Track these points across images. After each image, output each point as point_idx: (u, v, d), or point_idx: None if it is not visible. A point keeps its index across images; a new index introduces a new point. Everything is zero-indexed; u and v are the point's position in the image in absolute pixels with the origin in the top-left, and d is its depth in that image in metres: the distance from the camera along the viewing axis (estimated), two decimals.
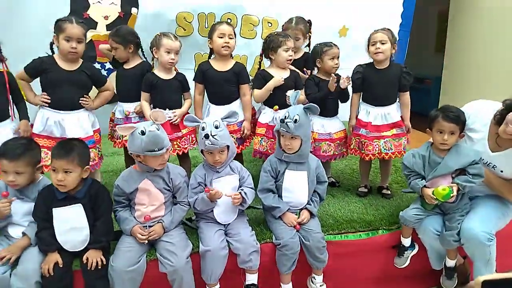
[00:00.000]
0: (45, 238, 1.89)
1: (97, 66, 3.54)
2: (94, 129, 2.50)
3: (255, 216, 2.44)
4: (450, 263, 2.29)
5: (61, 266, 1.86)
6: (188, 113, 2.66)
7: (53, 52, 2.48)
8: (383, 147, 2.59)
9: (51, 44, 2.46)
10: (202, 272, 2.07)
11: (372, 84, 2.61)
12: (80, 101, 2.41)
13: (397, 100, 2.64)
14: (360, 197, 2.75)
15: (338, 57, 2.67)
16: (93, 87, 2.53)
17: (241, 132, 2.69)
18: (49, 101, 2.35)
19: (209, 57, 2.78)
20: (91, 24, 3.44)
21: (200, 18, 3.62)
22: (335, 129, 2.74)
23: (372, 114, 2.62)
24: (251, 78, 2.78)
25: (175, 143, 2.59)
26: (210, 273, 2.04)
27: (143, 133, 1.92)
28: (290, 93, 2.49)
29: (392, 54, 2.61)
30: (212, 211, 2.17)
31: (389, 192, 2.78)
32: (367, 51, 2.62)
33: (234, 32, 2.67)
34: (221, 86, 2.65)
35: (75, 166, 1.87)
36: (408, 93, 2.62)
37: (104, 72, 3.58)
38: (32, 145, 2.01)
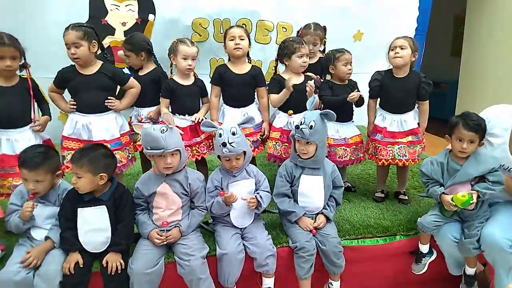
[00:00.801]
0: (69, 238, 1.94)
1: None
2: (123, 132, 2.52)
3: (271, 220, 2.44)
4: (470, 271, 2.25)
5: (81, 266, 1.89)
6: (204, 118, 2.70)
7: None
8: (397, 153, 2.57)
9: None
10: (219, 275, 2.08)
11: (390, 92, 2.59)
12: (105, 103, 2.44)
13: (415, 107, 2.62)
14: (377, 202, 2.73)
15: (351, 63, 2.67)
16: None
17: (261, 133, 2.71)
18: (75, 106, 2.40)
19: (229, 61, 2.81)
20: (109, 30, 3.51)
21: (215, 24, 3.67)
22: (350, 134, 2.74)
23: (387, 120, 2.60)
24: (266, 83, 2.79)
25: (194, 148, 2.62)
26: (227, 276, 2.05)
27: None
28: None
29: (412, 63, 2.58)
30: (229, 214, 2.18)
31: (406, 197, 2.76)
32: (387, 57, 2.60)
33: (248, 35, 2.69)
34: (239, 89, 2.68)
35: (84, 171, 1.90)
36: (427, 102, 2.59)
37: None
38: (50, 154, 2.04)
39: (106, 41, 3.48)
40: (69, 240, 1.94)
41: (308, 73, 2.77)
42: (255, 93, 2.78)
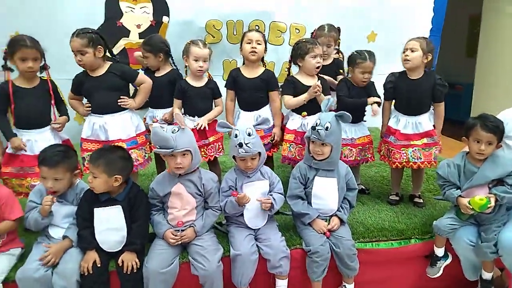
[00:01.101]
0: (86, 236, 1.97)
1: None
2: (139, 131, 2.55)
3: (284, 222, 2.44)
4: (487, 275, 2.22)
5: (99, 265, 1.93)
6: (217, 120, 2.71)
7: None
8: (411, 156, 2.54)
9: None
10: (233, 276, 2.09)
11: (404, 94, 2.57)
12: (119, 103, 2.46)
13: (431, 109, 2.59)
14: (391, 205, 2.70)
15: (370, 72, 2.64)
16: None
17: (271, 138, 2.70)
18: (90, 109, 2.44)
19: (243, 64, 2.82)
20: (124, 32, 3.55)
21: (228, 25, 3.68)
22: (358, 134, 2.72)
23: (401, 122, 2.58)
24: (279, 84, 2.79)
25: (202, 150, 2.63)
26: (241, 277, 2.06)
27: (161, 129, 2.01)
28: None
29: (428, 63, 2.55)
30: (242, 215, 2.19)
31: (421, 200, 2.73)
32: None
33: (265, 40, 2.70)
34: (250, 93, 2.69)
35: (100, 172, 1.93)
36: (443, 104, 2.56)
37: None
38: (69, 153, 2.08)
39: (121, 43, 3.53)
40: (86, 239, 1.97)
41: (322, 75, 2.77)
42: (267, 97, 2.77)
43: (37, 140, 2.29)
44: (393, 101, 2.68)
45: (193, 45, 2.59)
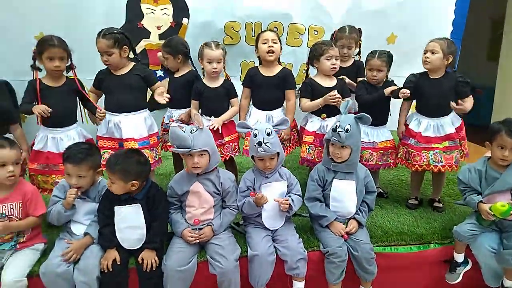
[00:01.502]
0: (107, 234, 2.01)
1: None
2: (152, 132, 2.59)
3: (302, 224, 2.44)
4: (509, 283, 2.17)
5: (118, 263, 1.96)
6: (233, 121, 2.73)
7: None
8: (431, 159, 2.50)
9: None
10: (250, 276, 2.10)
11: (425, 94, 2.54)
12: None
13: (453, 112, 2.55)
14: (410, 209, 2.67)
15: (379, 70, 2.62)
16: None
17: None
18: (103, 115, 2.45)
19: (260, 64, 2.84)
20: (145, 33, 3.59)
21: (247, 27, 3.69)
22: (380, 138, 2.70)
23: (423, 124, 2.54)
24: (297, 86, 2.79)
25: (218, 149, 2.65)
26: (258, 278, 2.07)
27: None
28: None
29: (451, 63, 2.53)
30: (260, 216, 2.20)
31: (441, 205, 2.69)
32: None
33: (279, 39, 2.71)
34: (267, 91, 2.69)
35: (116, 178, 1.95)
36: (470, 98, 2.50)
37: None
38: (93, 150, 2.13)
39: (142, 44, 3.57)
40: (107, 237, 2.01)
41: (342, 76, 2.76)
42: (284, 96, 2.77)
43: (63, 139, 2.35)
44: (414, 103, 2.65)
45: (206, 47, 2.63)
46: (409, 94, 2.53)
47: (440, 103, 2.51)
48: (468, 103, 2.47)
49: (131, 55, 2.62)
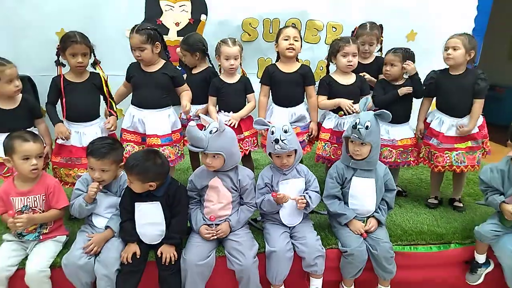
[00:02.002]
0: (128, 229, 2.04)
1: None
2: (175, 129, 2.61)
3: (319, 222, 2.43)
4: None
5: (138, 257, 1.98)
6: (251, 116, 2.73)
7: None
8: (454, 159, 2.46)
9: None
10: (267, 272, 2.10)
11: (446, 91, 2.50)
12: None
13: None
14: (430, 209, 2.64)
15: (392, 64, 2.59)
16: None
17: (309, 133, 2.69)
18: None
19: (277, 61, 2.83)
20: (164, 30, 3.62)
21: (265, 24, 3.69)
22: (401, 136, 2.66)
23: (445, 124, 2.50)
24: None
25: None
26: (275, 274, 2.07)
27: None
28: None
29: (472, 59, 2.48)
30: (278, 212, 2.19)
31: (461, 205, 2.65)
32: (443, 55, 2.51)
33: (300, 36, 2.69)
34: (287, 88, 2.68)
35: (134, 179, 1.95)
36: (481, 101, 2.45)
37: None
38: (116, 145, 2.16)
39: None
40: (128, 231, 2.03)
41: (362, 73, 2.73)
42: (304, 93, 2.76)
43: (86, 133, 2.39)
44: (434, 100, 2.61)
45: (223, 44, 2.63)
46: (411, 91, 2.51)
47: (461, 100, 2.47)
48: (477, 107, 2.45)
49: None
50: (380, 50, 2.97)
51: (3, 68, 2.20)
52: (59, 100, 2.42)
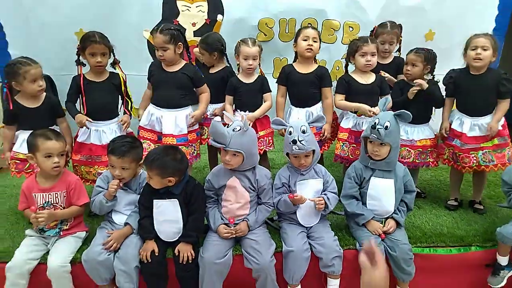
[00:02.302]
0: (146, 226, 2.06)
1: None
2: (192, 129, 2.62)
3: (337, 222, 2.42)
4: None
5: (156, 254, 2.00)
6: (267, 116, 2.74)
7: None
8: (481, 159, 2.40)
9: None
10: (284, 272, 2.09)
11: (467, 91, 2.45)
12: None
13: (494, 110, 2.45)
14: (450, 211, 2.59)
15: (413, 64, 2.57)
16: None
17: (321, 135, 2.68)
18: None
19: (294, 61, 2.82)
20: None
21: (281, 24, 3.67)
22: (420, 136, 2.62)
23: (466, 125, 2.45)
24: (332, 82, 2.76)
25: None
26: (292, 273, 2.06)
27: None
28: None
29: (491, 62, 2.43)
30: (295, 212, 2.18)
31: (482, 207, 2.60)
32: (463, 55, 2.46)
33: (320, 37, 2.68)
34: (303, 88, 2.68)
35: (153, 174, 1.97)
36: (508, 100, 2.41)
37: None
38: (136, 144, 2.18)
39: None
40: (146, 228, 2.05)
41: (383, 73, 2.70)
42: (320, 93, 2.74)
43: (105, 132, 2.43)
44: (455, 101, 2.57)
45: (243, 44, 2.64)
46: (415, 92, 2.48)
47: (483, 101, 2.43)
48: (504, 106, 2.40)
49: None
50: (399, 50, 2.94)
51: (29, 68, 2.25)
52: (79, 99, 2.46)
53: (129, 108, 2.55)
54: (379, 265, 1.15)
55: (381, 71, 2.73)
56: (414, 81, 2.53)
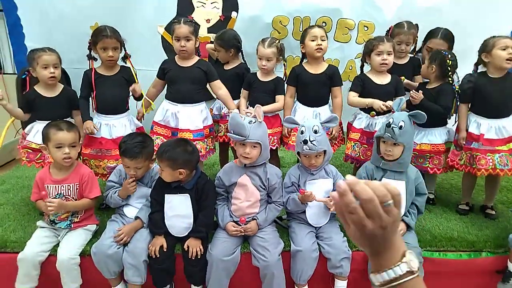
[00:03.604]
0: (156, 221, 2.07)
1: None
2: (206, 124, 2.62)
3: None
4: None
5: (165, 250, 2.01)
6: (278, 116, 2.73)
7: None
8: (498, 162, 2.35)
9: None
10: (292, 271, 2.09)
11: (486, 94, 2.39)
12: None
13: None
14: (461, 215, 2.55)
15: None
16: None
17: (329, 133, 2.65)
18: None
19: (301, 62, 2.81)
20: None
21: (295, 22, 3.65)
22: (421, 140, 2.55)
23: (484, 126, 2.40)
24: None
25: None
26: (300, 273, 2.06)
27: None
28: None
29: None
30: (304, 212, 2.18)
31: (493, 212, 2.55)
32: (483, 56, 2.40)
33: (326, 34, 2.66)
34: (314, 88, 2.66)
35: (164, 166, 1.99)
36: None
37: None
38: (147, 143, 2.17)
39: None
40: (156, 223, 2.07)
41: (402, 78, 2.66)
42: (330, 93, 2.73)
43: (115, 126, 2.45)
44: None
45: (261, 43, 2.66)
46: (417, 99, 2.42)
47: (502, 104, 2.37)
48: None
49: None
50: (414, 50, 2.90)
51: (41, 53, 2.29)
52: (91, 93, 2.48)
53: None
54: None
55: (403, 77, 2.68)
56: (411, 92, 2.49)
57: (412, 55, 2.88)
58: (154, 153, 2.14)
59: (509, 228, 2.37)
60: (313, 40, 2.60)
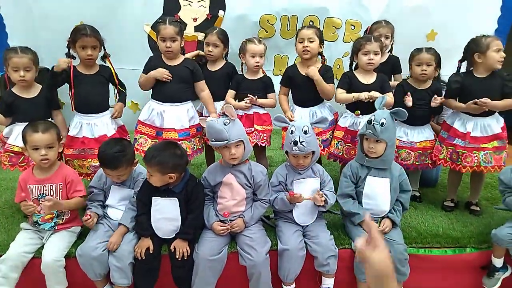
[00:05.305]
0: (143, 223, 2.05)
1: None
2: (192, 124, 2.61)
3: (333, 221, 2.41)
4: None
5: (151, 252, 2.00)
6: (268, 114, 2.73)
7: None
8: (482, 159, 2.40)
9: None
10: (279, 270, 2.10)
11: (472, 93, 2.41)
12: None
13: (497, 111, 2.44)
14: (446, 212, 2.59)
15: (428, 64, 2.53)
16: None
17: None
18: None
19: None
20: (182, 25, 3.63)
21: (282, 21, 3.65)
22: (420, 138, 2.60)
23: (470, 125, 2.44)
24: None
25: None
26: (287, 272, 2.07)
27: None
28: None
29: None
30: (291, 211, 2.18)
31: (478, 208, 2.59)
32: (473, 56, 2.42)
33: (319, 35, 2.65)
34: (307, 89, 2.66)
35: (154, 171, 1.96)
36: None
37: None
38: (126, 150, 2.11)
39: None
40: (143, 225, 2.05)
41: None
42: None
43: (97, 124, 2.43)
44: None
45: (249, 42, 2.64)
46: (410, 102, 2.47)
47: None
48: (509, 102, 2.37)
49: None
50: (391, 50, 2.92)
51: (12, 55, 2.26)
52: (68, 91, 2.44)
53: (125, 99, 2.54)
54: (378, 244, 1.03)
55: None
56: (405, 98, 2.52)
57: (390, 53, 2.90)
58: (135, 157, 2.13)
59: (492, 224, 2.40)
60: (300, 42, 2.60)
